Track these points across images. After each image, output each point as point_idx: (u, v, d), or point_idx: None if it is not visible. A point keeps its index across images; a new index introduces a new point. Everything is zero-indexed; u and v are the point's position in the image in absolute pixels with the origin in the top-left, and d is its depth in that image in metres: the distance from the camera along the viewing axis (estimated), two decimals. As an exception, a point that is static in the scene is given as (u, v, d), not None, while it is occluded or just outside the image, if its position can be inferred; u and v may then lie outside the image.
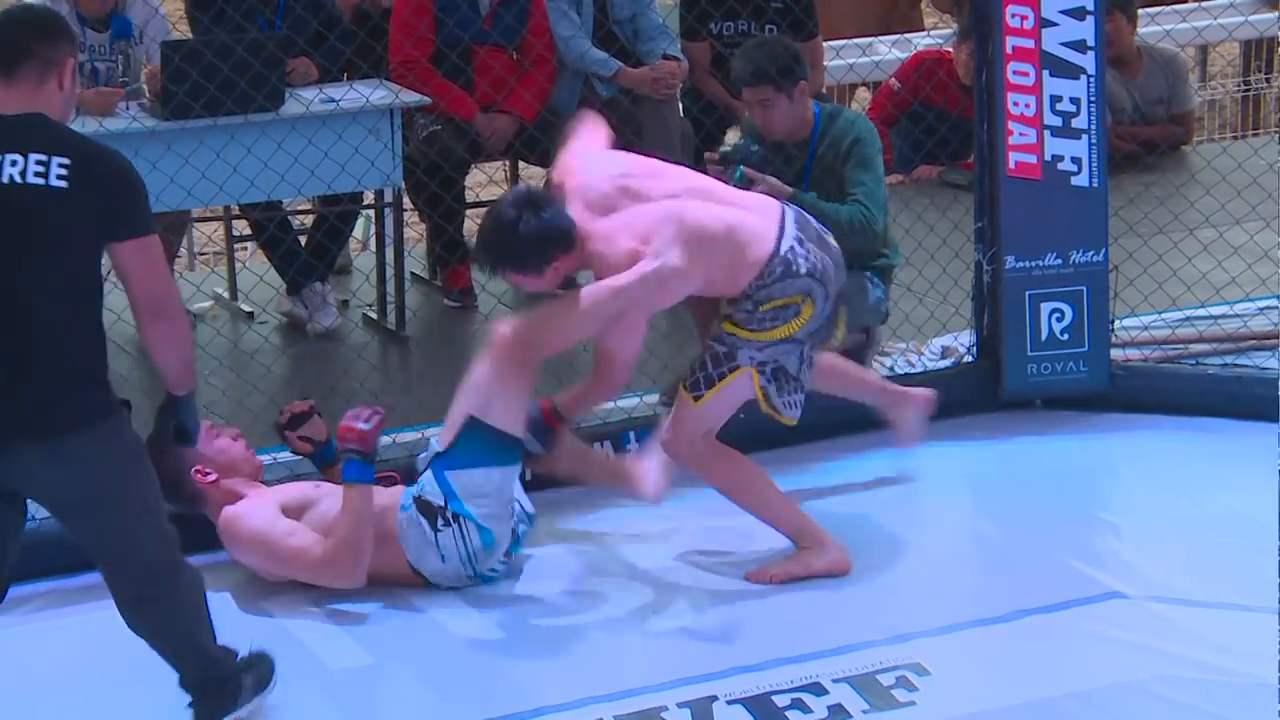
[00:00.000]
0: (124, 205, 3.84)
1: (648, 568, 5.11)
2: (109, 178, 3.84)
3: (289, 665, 4.42)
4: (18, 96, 3.84)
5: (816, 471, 5.73)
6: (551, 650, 4.70)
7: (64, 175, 3.77)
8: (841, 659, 4.55)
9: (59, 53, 3.88)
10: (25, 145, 3.78)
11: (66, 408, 3.80)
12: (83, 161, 3.81)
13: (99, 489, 3.86)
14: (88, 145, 3.89)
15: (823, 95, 7.18)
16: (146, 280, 3.86)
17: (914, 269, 6.60)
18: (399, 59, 6.79)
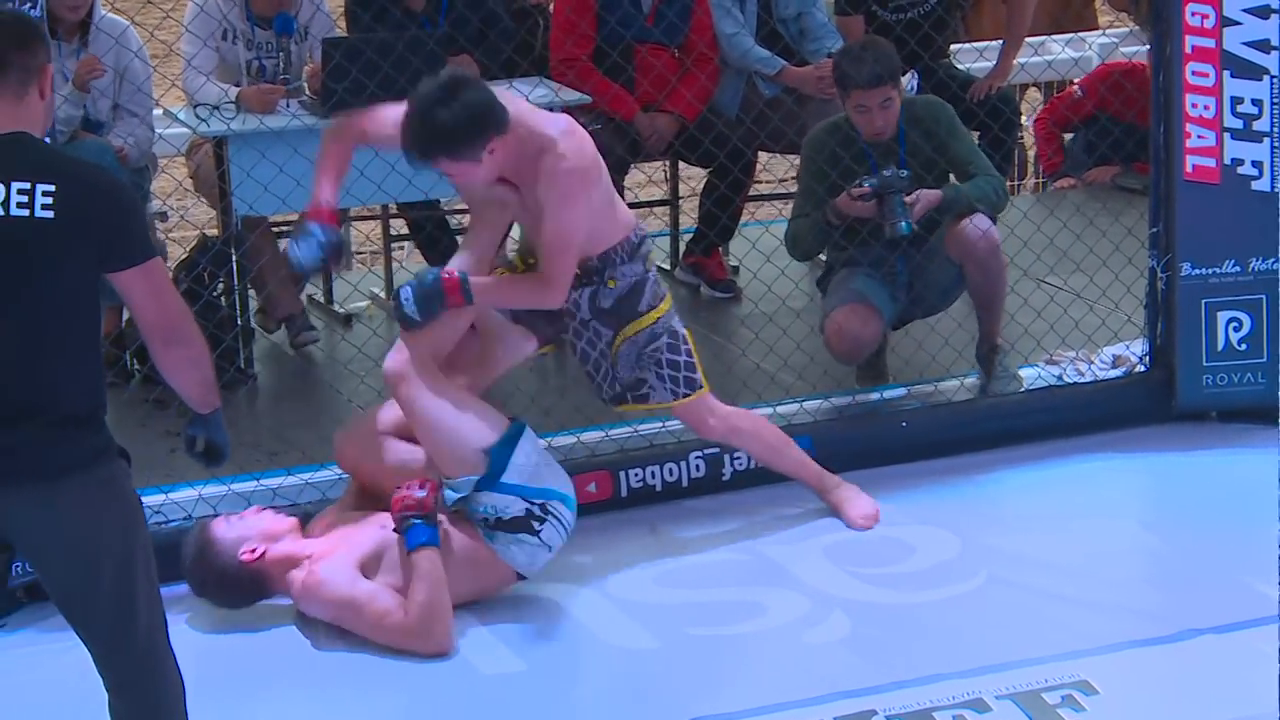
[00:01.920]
0: (119, 232, 3.54)
1: (803, 577, 5.09)
2: (100, 203, 3.52)
3: (445, 674, 4.46)
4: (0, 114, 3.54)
5: (981, 483, 5.68)
6: (707, 661, 4.69)
7: (49, 205, 3.46)
8: (1005, 675, 4.50)
9: (37, 60, 3.58)
10: (5, 172, 3.47)
11: (60, 452, 3.53)
12: (70, 187, 3.49)
13: (93, 539, 3.56)
14: (75, 167, 3.58)
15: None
16: (154, 308, 3.60)
17: (1084, 275, 6.53)
18: (559, 56, 6.83)
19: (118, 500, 3.60)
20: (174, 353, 3.62)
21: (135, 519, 3.64)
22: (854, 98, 5.95)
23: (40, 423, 3.50)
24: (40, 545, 3.58)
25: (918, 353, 6.38)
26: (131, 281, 3.56)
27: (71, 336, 3.54)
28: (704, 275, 7.21)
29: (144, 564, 3.61)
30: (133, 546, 3.60)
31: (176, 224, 7.43)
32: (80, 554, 3.55)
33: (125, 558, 3.57)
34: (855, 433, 5.87)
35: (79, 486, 3.53)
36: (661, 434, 5.68)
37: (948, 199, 5.92)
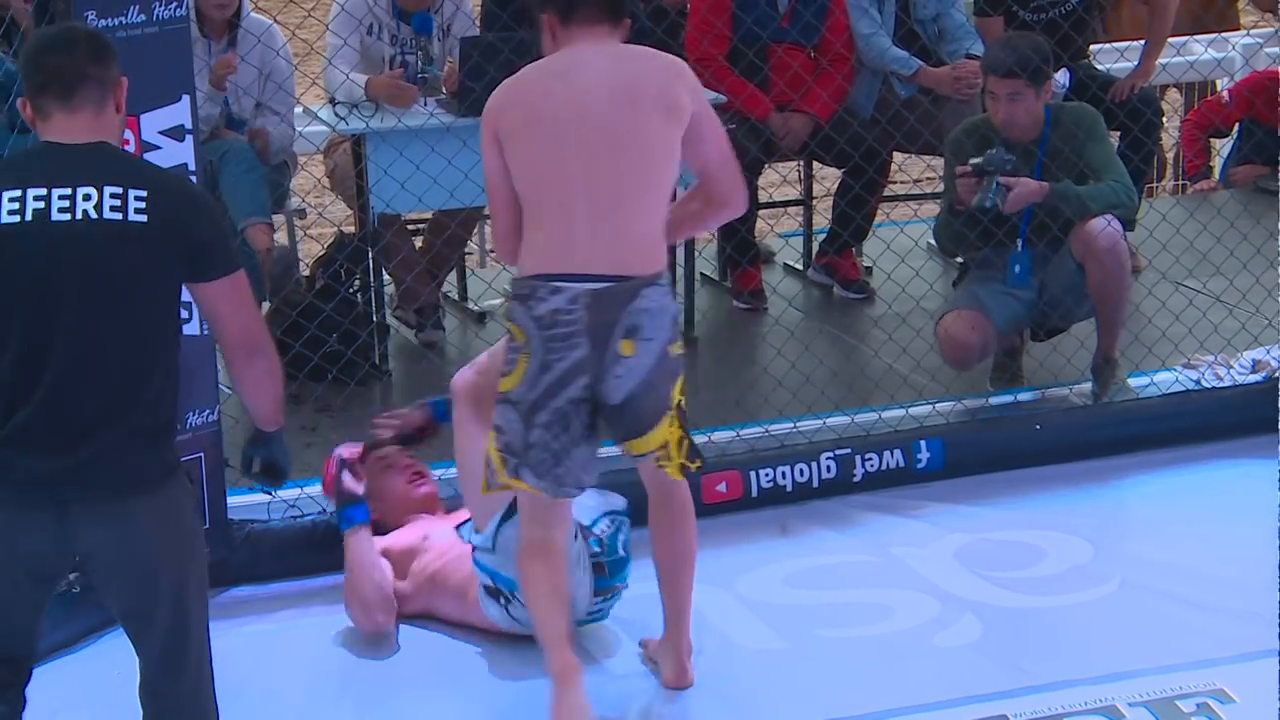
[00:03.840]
0: (210, 241, 3.51)
1: (933, 579, 5.06)
2: (192, 211, 3.51)
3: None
4: (80, 124, 3.50)
5: (1116, 487, 5.63)
6: (836, 663, 4.67)
7: (143, 209, 3.43)
8: (1139, 682, 4.45)
9: (112, 73, 3.55)
10: (97, 177, 3.44)
11: (132, 468, 3.48)
12: (162, 193, 3.47)
13: (156, 561, 3.52)
14: (165, 176, 3.58)
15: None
16: (239, 319, 3.56)
17: (1224, 278, 6.44)
18: (695, 56, 6.82)
19: (181, 523, 3.57)
20: (257, 364, 3.59)
21: (196, 543, 3.61)
22: (988, 82, 5.93)
23: (116, 435, 3.45)
24: (107, 563, 3.52)
25: (1052, 355, 6.32)
26: (219, 292, 3.53)
27: (154, 343, 3.49)
28: (837, 276, 7.19)
29: (198, 592, 3.59)
30: (188, 573, 3.56)
31: (314, 221, 7.52)
32: (142, 576, 3.51)
33: (182, 582, 3.54)
34: (988, 435, 5.83)
35: (149, 507, 3.49)
36: (793, 434, 5.67)
37: (1056, 195, 5.84)
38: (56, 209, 3.41)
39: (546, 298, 4.14)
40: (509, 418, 4.21)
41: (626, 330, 4.15)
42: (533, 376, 4.16)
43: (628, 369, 4.16)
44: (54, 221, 3.40)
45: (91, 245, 3.41)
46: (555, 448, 4.19)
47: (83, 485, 3.44)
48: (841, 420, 5.75)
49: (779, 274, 7.35)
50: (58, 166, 3.46)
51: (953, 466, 5.64)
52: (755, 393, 6.01)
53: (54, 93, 3.50)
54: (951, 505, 5.47)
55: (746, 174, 6.71)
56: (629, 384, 4.17)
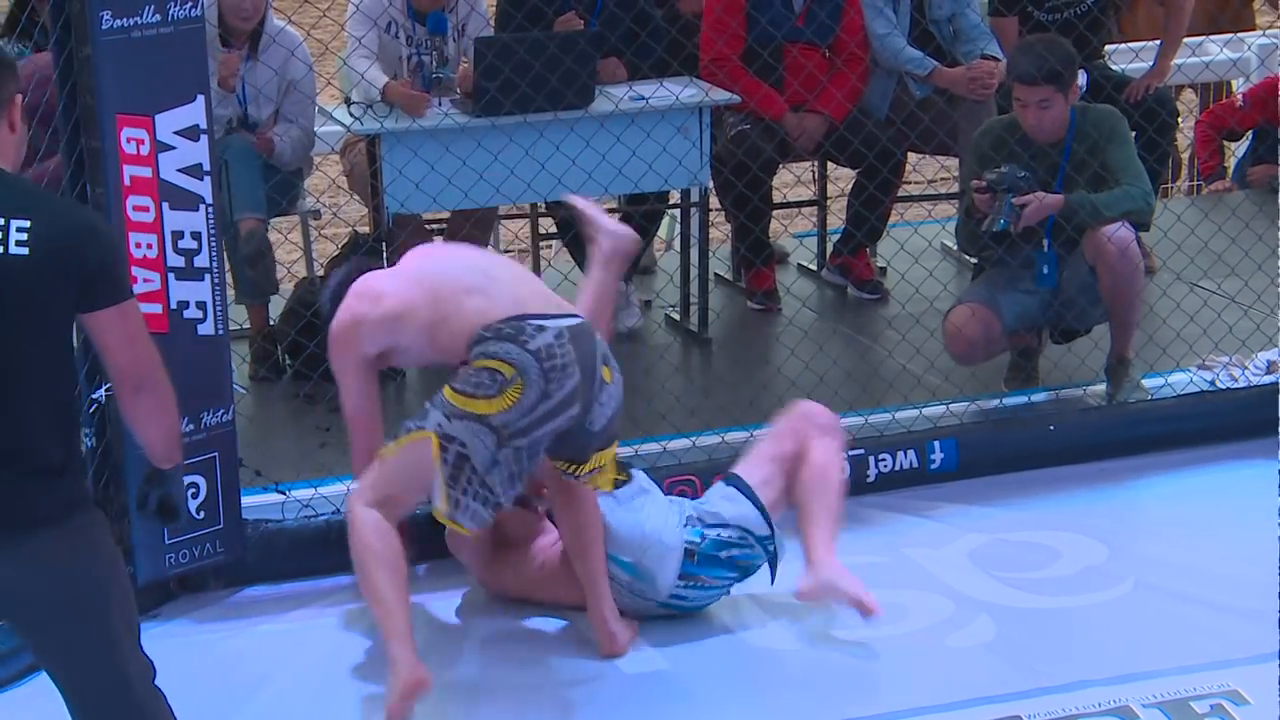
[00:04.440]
0: (97, 269, 3.34)
1: (947, 580, 5.06)
2: (77, 239, 3.33)
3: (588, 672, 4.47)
4: None
5: (1130, 488, 5.62)
6: (850, 663, 4.67)
7: (24, 240, 3.27)
8: (1153, 683, 4.45)
9: (5, 91, 3.39)
10: None
11: (30, 503, 3.34)
12: (46, 222, 3.30)
13: (69, 594, 3.39)
14: (52, 202, 3.42)
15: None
16: (126, 351, 3.41)
17: (1239, 279, 6.43)
18: (710, 56, 6.83)
19: (92, 553, 3.44)
20: (144, 400, 3.45)
21: (111, 570, 3.49)
22: (1015, 89, 5.92)
23: (12, 474, 3.34)
24: (14, 603, 3.41)
25: (1066, 356, 6.31)
26: (106, 323, 3.38)
27: (46, 381, 3.36)
28: (851, 276, 7.19)
29: (123, 615, 3.47)
30: (109, 601, 3.44)
31: (329, 221, 7.53)
32: (57, 612, 3.40)
33: (103, 612, 3.43)
34: (1002, 436, 5.82)
35: (53, 540, 3.37)
36: (807, 435, 5.65)
37: (1071, 206, 5.85)
38: None
39: (535, 334, 4.39)
40: (480, 436, 4.34)
41: (604, 359, 4.51)
42: (529, 405, 4.36)
43: (609, 395, 4.51)
44: None
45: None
46: (514, 470, 4.38)
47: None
48: (855, 421, 5.73)
49: (793, 274, 7.35)
50: None
51: (967, 467, 5.64)
52: (769, 393, 6.00)
53: None
54: (965, 506, 5.46)
55: (761, 174, 6.78)
56: (610, 409, 4.52)
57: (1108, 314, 5.99)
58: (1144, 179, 5.94)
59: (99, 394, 4.77)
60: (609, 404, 4.51)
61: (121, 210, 4.67)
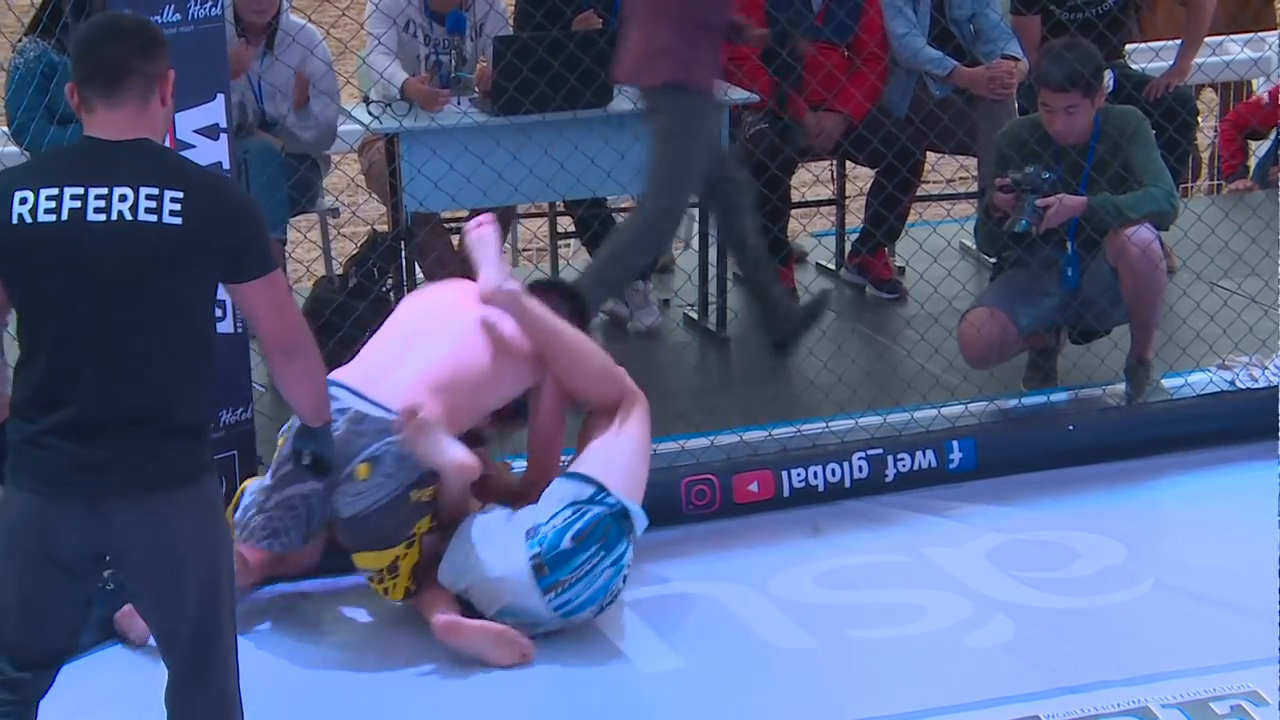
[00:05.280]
0: (245, 242, 3.50)
1: (965, 580, 5.05)
2: (227, 212, 3.49)
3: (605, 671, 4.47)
4: (123, 120, 3.48)
5: (1149, 488, 5.62)
6: (867, 663, 4.67)
7: (177, 210, 3.42)
8: (1172, 684, 4.44)
9: (159, 66, 3.53)
10: (134, 177, 3.43)
11: (167, 465, 3.49)
12: (198, 194, 3.45)
13: (189, 557, 3.52)
14: (202, 175, 3.57)
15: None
16: (275, 319, 3.56)
17: (1259, 279, 6.42)
18: (729, 55, 6.81)
19: (213, 521, 3.57)
20: (295, 366, 3.61)
21: (226, 543, 3.63)
22: (1041, 95, 5.92)
23: (151, 432, 3.46)
24: (140, 559, 3.51)
25: (1086, 356, 6.30)
26: (255, 293, 3.53)
27: (188, 346, 3.50)
28: (869, 275, 7.18)
29: (228, 592, 3.58)
30: (220, 570, 3.56)
31: (348, 220, 7.54)
32: (174, 571, 3.50)
33: (214, 580, 3.54)
34: (1021, 436, 5.82)
35: (184, 502, 3.50)
36: (825, 434, 5.66)
37: (1094, 208, 5.85)
38: (92, 209, 3.41)
39: None
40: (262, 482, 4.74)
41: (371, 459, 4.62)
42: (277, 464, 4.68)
43: (357, 491, 4.62)
44: (89, 222, 3.41)
45: (126, 246, 3.41)
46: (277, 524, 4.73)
47: (115, 480, 3.45)
48: (874, 420, 5.74)
49: (811, 273, 7.34)
50: (96, 165, 3.46)
51: (985, 467, 5.63)
52: (787, 392, 6.00)
53: (98, 85, 3.48)
54: (984, 506, 5.46)
55: (780, 172, 6.78)
56: (359, 505, 4.64)
57: (1127, 315, 5.98)
58: (1166, 179, 5.94)
59: None
60: (358, 501, 4.61)
61: (141, 208, 4.67)
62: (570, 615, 4.70)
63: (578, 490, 4.72)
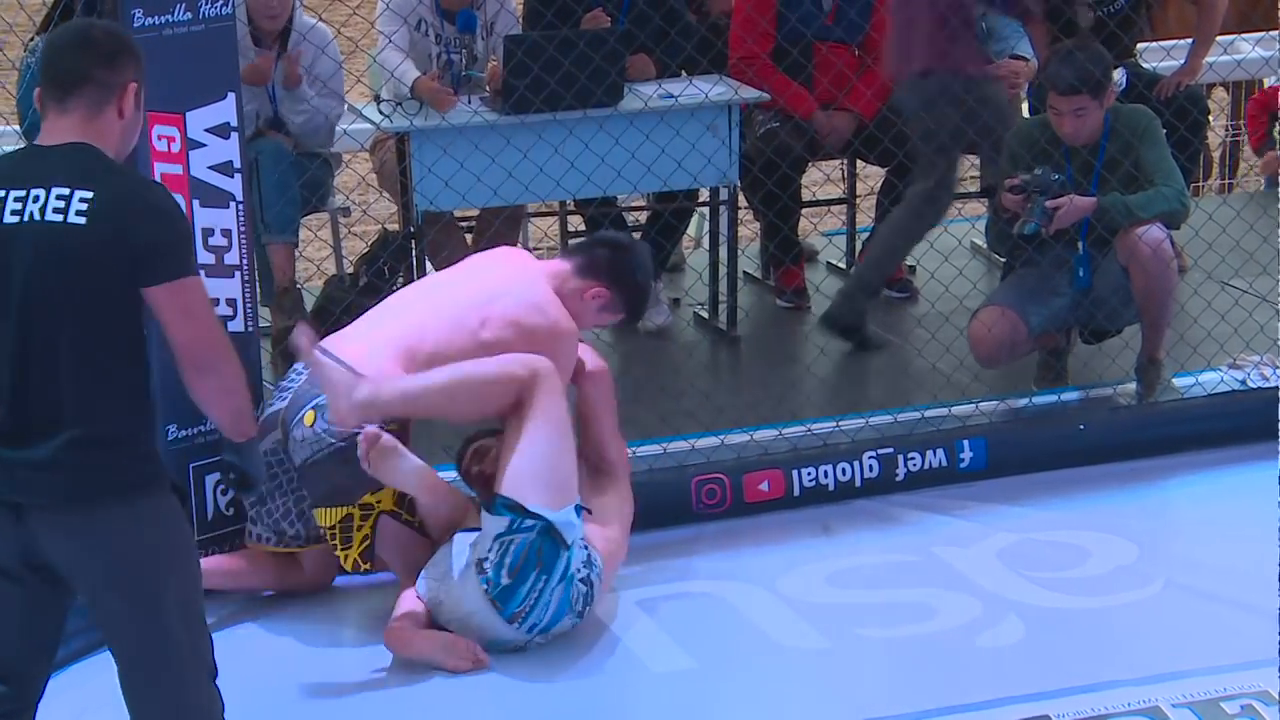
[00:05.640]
0: (152, 244, 3.35)
1: (976, 579, 5.05)
2: (135, 212, 3.36)
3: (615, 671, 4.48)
4: (68, 126, 3.43)
5: (1160, 487, 5.62)
6: (878, 662, 4.67)
7: (84, 210, 3.33)
8: (1183, 683, 4.43)
9: (121, 77, 3.46)
10: (49, 179, 3.36)
11: (84, 477, 3.37)
12: (108, 195, 3.35)
13: (123, 574, 3.40)
14: (120, 178, 3.43)
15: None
16: (182, 330, 3.38)
17: (1271, 278, 6.41)
18: (739, 54, 6.83)
19: (152, 536, 3.43)
20: (206, 382, 3.42)
21: (173, 556, 3.47)
22: (1050, 98, 5.92)
23: (67, 443, 3.36)
24: (68, 571, 3.43)
25: (1097, 355, 6.30)
26: (161, 299, 3.37)
27: (107, 352, 3.38)
28: (881, 274, 7.17)
29: (180, 605, 3.45)
30: (161, 586, 3.43)
31: (359, 219, 7.55)
32: (104, 586, 3.41)
33: (153, 596, 3.42)
34: (1032, 435, 5.82)
35: (111, 518, 3.38)
36: (835, 433, 5.66)
37: (1104, 209, 5.85)
38: (9, 210, 3.36)
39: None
40: None
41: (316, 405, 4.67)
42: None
43: (304, 437, 4.68)
44: (4, 224, 3.36)
45: (32, 247, 3.34)
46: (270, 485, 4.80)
47: (36, 491, 3.38)
48: (884, 419, 5.74)
49: (822, 272, 7.35)
50: (26, 168, 3.43)
51: (996, 466, 5.63)
52: (798, 391, 6.00)
53: (53, 91, 3.45)
54: (995, 505, 5.45)
55: (790, 171, 6.78)
56: (303, 454, 4.70)
57: (1139, 314, 5.98)
58: (1177, 178, 5.93)
59: None
60: (304, 448, 4.67)
61: (152, 207, 4.68)
62: (548, 631, 4.67)
63: (497, 523, 4.62)
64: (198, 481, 4.90)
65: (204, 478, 4.91)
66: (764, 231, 7.21)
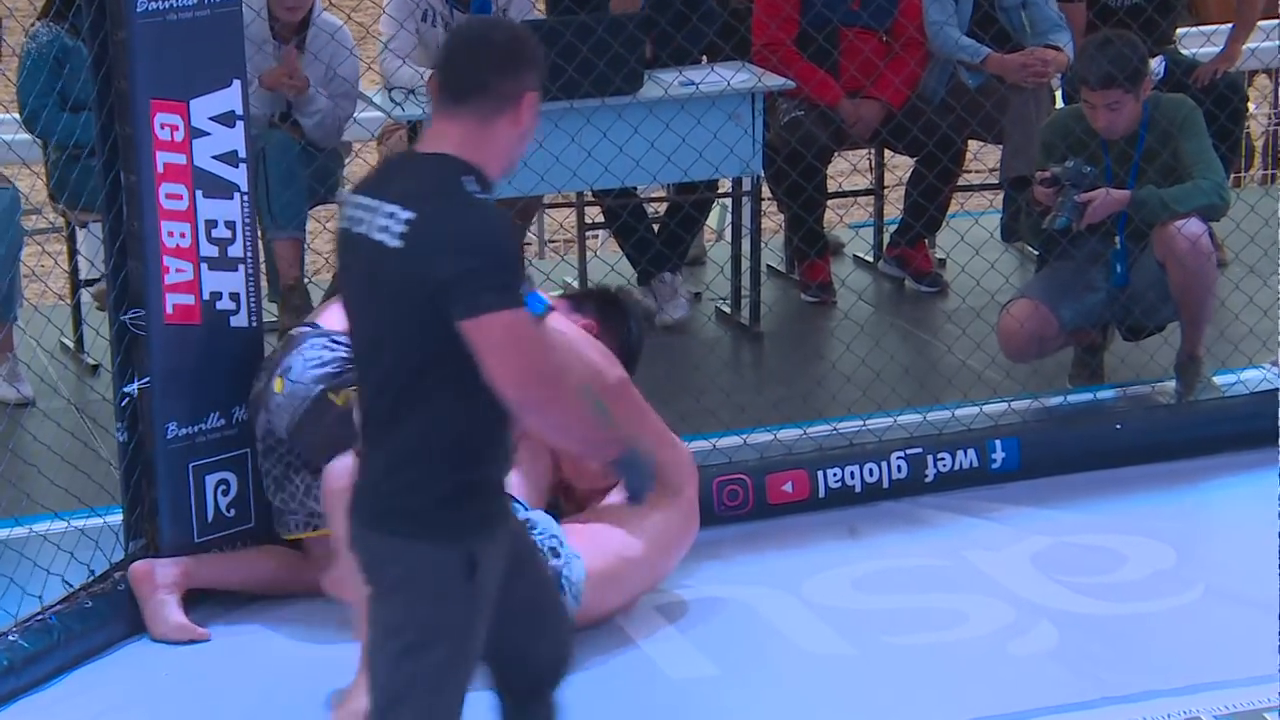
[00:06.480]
0: (454, 277, 3.21)
1: (1008, 584, 5.03)
2: (444, 239, 3.24)
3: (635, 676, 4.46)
4: (453, 134, 3.35)
5: (1200, 489, 5.61)
6: (905, 670, 4.65)
7: (403, 234, 3.26)
8: (1224, 694, 4.43)
9: (520, 86, 3.35)
10: (388, 193, 3.31)
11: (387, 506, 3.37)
12: (426, 218, 3.25)
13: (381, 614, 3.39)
14: (447, 201, 3.29)
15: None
16: (495, 369, 3.23)
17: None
18: (763, 40, 6.81)
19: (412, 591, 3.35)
20: (531, 421, 3.30)
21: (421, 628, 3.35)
22: (1082, 92, 5.89)
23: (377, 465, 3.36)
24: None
25: (1134, 352, 6.27)
26: (471, 334, 3.22)
27: (418, 380, 3.29)
28: (909, 268, 7.16)
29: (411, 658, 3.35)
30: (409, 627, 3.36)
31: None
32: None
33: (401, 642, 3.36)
34: (1066, 434, 5.80)
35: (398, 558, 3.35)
36: (862, 433, 5.65)
37: (1138, 203, 5.82)
38: (359, 220, 3.36)
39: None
40: None
41: (283, 370, 4.77)
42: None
43: (277, 403, 4.76)
44: (354, 234, 3.37)
45: (364, 263, 3.34)
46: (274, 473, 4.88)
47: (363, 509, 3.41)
48: (913, 418, 5.73)
49: (848, 266, 7.33)
50: (385, 179, 3.41)
51: (1029, 467, 5.61)
52: (823, 389, 5.99)
53: (444, 93, 3.37)
54: (1028, 508, 5.44)
55: (816, 162, 6.76)
56: (283, 419, 4.78)
57: (1177, 311, 5.96)
58: (1217, 170, 5.91)
59: (131, 388, 4.79)
60: (281, 414, 4.74)
61: (154, 198, 4.69)
62: None
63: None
64: (198, 481, 4.89)
65: (204, 478, 4.90)
66: (788, 224, 7.19)
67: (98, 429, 5.55)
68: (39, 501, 5.03)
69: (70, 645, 4.64)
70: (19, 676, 4.52)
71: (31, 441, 5.35)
